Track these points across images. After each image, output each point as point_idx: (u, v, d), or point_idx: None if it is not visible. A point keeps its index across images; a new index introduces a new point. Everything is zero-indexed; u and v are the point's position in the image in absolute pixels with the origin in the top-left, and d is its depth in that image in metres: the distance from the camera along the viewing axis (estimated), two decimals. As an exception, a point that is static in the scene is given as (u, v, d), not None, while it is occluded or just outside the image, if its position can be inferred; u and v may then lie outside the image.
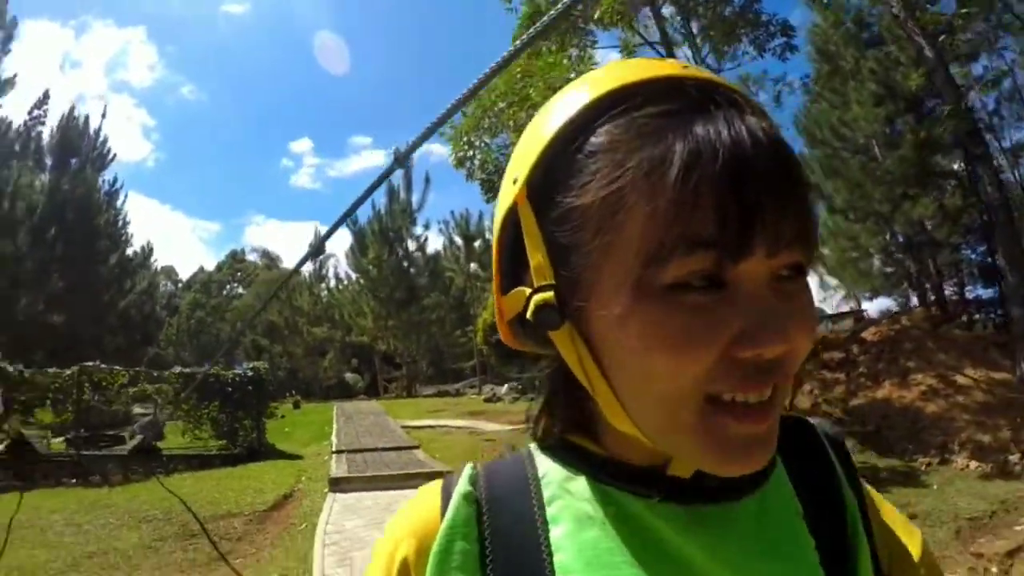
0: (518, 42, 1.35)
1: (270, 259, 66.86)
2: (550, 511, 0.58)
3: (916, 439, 10.68)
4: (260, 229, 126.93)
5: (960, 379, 11.86)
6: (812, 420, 0.70)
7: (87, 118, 28.48)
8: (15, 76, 25.13)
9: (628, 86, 0.51)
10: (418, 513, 0.60)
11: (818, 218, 0.53)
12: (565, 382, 0.60)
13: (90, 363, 13.43)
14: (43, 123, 27.30)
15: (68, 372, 13.06)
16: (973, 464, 9.45)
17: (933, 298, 19.45)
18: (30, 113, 27.13)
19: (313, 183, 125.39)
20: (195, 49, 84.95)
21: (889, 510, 0.68)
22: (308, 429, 18.52)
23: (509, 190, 0.58)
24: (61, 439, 13.03)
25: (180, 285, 65.39)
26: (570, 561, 0.55)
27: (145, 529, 7.89)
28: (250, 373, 14.72)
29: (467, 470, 0.62)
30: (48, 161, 26.77)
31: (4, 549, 4.90)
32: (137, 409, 16.48)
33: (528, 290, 0.56)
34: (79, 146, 27.34)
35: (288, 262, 62.53)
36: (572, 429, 0.63)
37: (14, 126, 25.99)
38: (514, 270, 0.60)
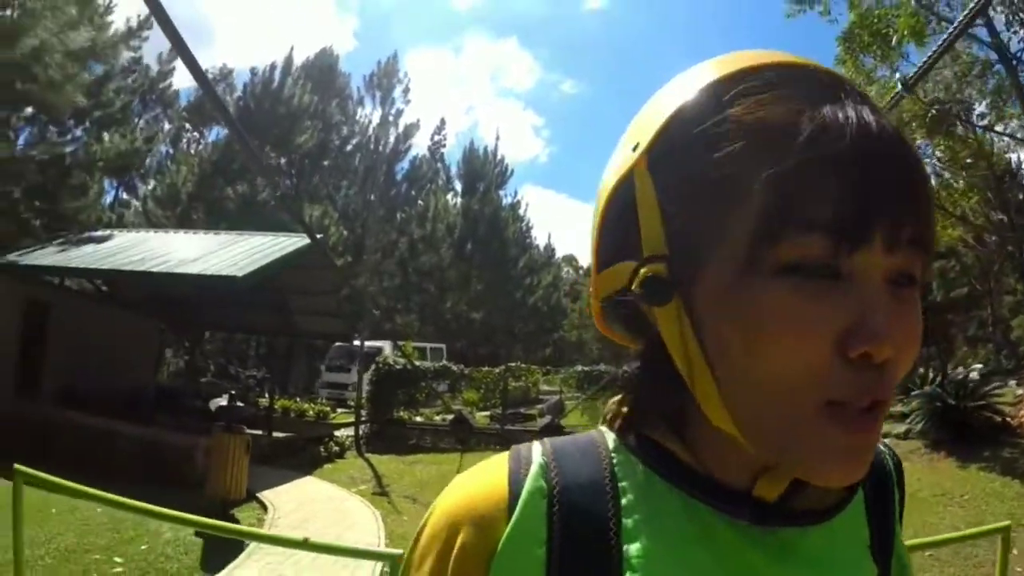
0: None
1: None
2: (627, 522, 0.52)
3: None
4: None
5: None
6: (880, 444, 0.64)
7: (486, 148, 33.65)
8: (418, 120, 31.11)
9: (759, 67, 0.50)
10: (481, 497, 0.54)
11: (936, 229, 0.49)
12: (658, 372, 0.53)
13: (513, 363, 17.18)
14: (443, 146, 33.42)
15: (497, 371, 17.20)
16: None
17: None
18: (432, 139, 33.39)
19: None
20: (566, 47, 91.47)
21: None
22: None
23: (626, 157, 0.54)
24: (486, 413, 16.83)
25: (581, 271, 70.98)
26: None
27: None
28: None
29: (538, 456, 0.55)
30: (458, 186, 32.41)
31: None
32: (544, 387, 20.53)
33: (634, 263, 0.52)
34: (483, 172, 32.36)
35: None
36: (659, 427, 0.56)
37: (423, 156, 32.14)
38: (617, 244, 0.55)
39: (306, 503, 9.36)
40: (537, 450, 0.56)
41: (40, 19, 13.67)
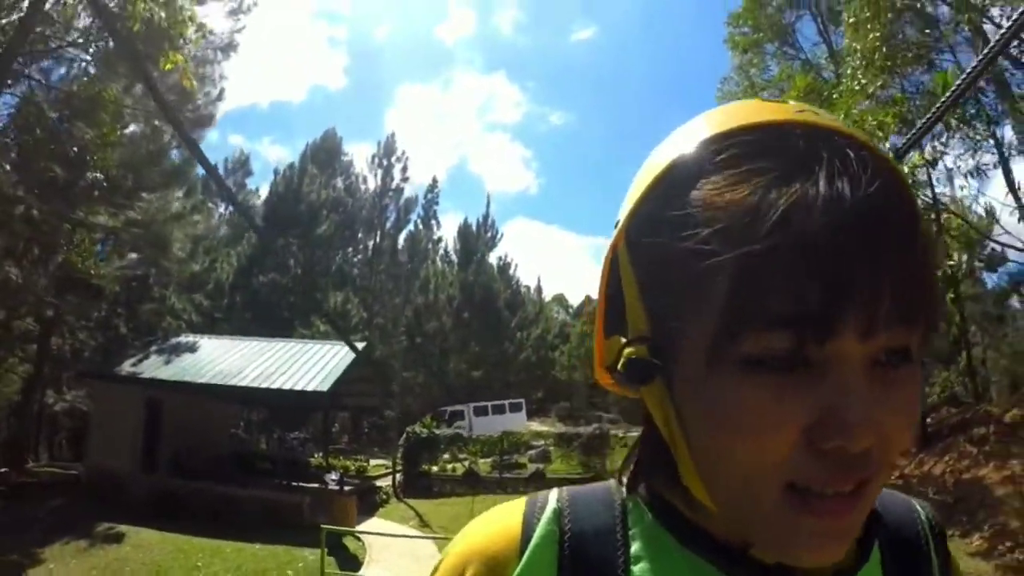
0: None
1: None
2: (635, 570, 0.53)
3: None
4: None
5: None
6: (916, 502, 0.65)
7: (477, 222, 38.84)
8: (416, 196, 36.30)
9: (733, 131, 0.48)
10: (494, 537, 0.56)
11: (936, 294, 0.46)
12: (656, 433, 0.54)
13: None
14: (437, 204, 38.95)
15: (496, 437, 22.06)
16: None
17: None
18: (426, 197, 39.08)
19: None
20: (553, 79, 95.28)
21: None
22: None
23: (613, 232, 0.55)
24: (488, 460, 21.75)
25: (571, 312, 74.62)
26: None
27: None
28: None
29: (553, 502, 0.57)
30: (454, 258, 37.52)
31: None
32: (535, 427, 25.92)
33: (623, 340, 0.52)
34: (475, 247, 37.50)
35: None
36: (664, 483, 0.56)
37: (419, 230, 37.33)
38: (614, 315, 0.56)
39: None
40: (553, 496, 0.58)
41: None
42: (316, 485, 16.23)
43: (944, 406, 18.34)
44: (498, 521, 0.58)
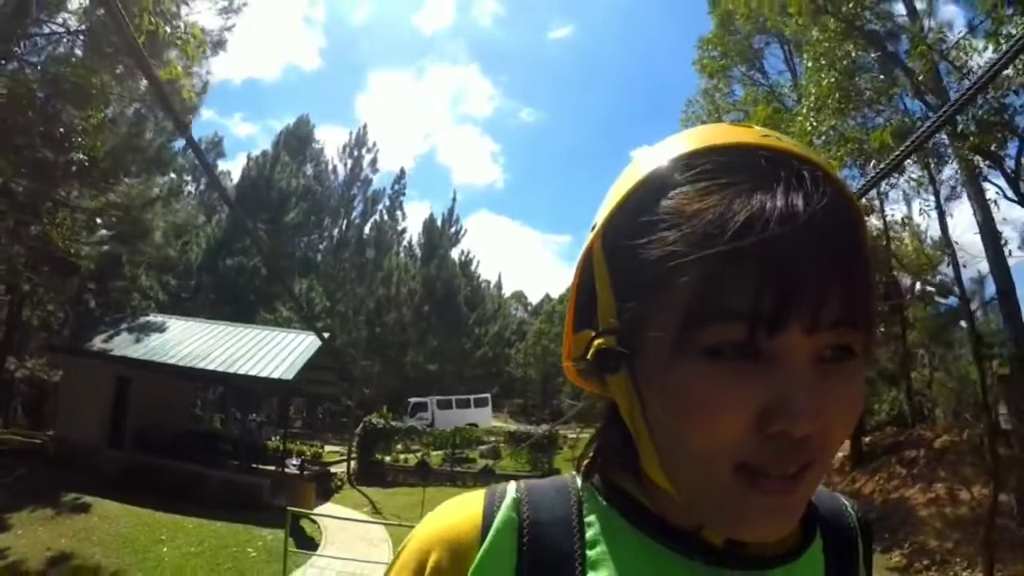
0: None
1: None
2: (591, 554, 0.57)
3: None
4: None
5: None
6: (843, 497, 0.73)
7: (442, 217, 39.75)
8: (384, 188, 36.94)
9: (704, 150, 0.54)
10: (457, 524, 0.60)
11: (875, 300, 0.52)
12: (619, 425, 0.60)
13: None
14: (404, 195, 40.16)
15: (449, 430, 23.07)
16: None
17: None
18: (393, 188, 40.49)
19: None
20: (527, 75, 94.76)
21: None
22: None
23: (589, 234, 0.60)
24: (439, 452, 22.82)
25: (529, 310, 74.72)
26: None
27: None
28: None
29: (512, 492, 0.62)
30: (418, 252, 38.40)
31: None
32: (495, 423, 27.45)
33: (593, 333, 0.58)
34: (439, 243, 38.42)
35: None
36: (620, 472, 0.62)
37: (385, 220, 38.15)
38: (585, 312, 0.61)
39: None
40: (512, 487, 0.62)
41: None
42: (275, 468, 17.20)
43: (888, 425, 19.25)
44: (460, 510, 0.61)
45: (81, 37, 14.51)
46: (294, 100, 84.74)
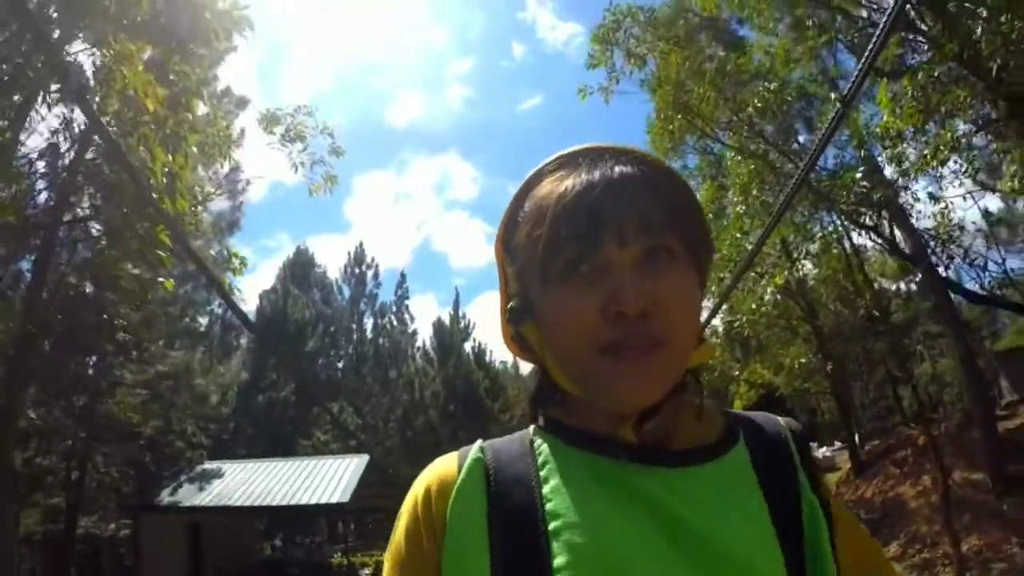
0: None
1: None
2: (543, 472, 0.73)
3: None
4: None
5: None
6: (784, 419, 0.84)
7: (450, 316, 41.85)
8: (390, 303, 39.20)
9: (563, 156, 0.79)
10: (440, 468, 0.78)
11: (682, 218, 0.74)
12: (544, 374, 0.81)
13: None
14: (408, 299, 43.34)
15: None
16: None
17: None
18: (396, 293, 43.90)
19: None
20: (504, 150, 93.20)
21: (859, 530, 0.81)
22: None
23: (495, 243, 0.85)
24: None
25: None
26: (558, 507, 0.69)
27: None
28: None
29: (477, 444, 0.79)
30: (433, 355, 40.24)
31: None
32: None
33: (511, 303, 0.82)
34: (450, 344, 40.39)
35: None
36: (552, 409, 0.81)
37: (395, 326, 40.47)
38: (506, 291, 0.85)
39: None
40: (477, 442, 0.80)
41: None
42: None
43: (904, 424, 20.16)
44: (441, 461, 0.80)
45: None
46: (283, 216, 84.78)
